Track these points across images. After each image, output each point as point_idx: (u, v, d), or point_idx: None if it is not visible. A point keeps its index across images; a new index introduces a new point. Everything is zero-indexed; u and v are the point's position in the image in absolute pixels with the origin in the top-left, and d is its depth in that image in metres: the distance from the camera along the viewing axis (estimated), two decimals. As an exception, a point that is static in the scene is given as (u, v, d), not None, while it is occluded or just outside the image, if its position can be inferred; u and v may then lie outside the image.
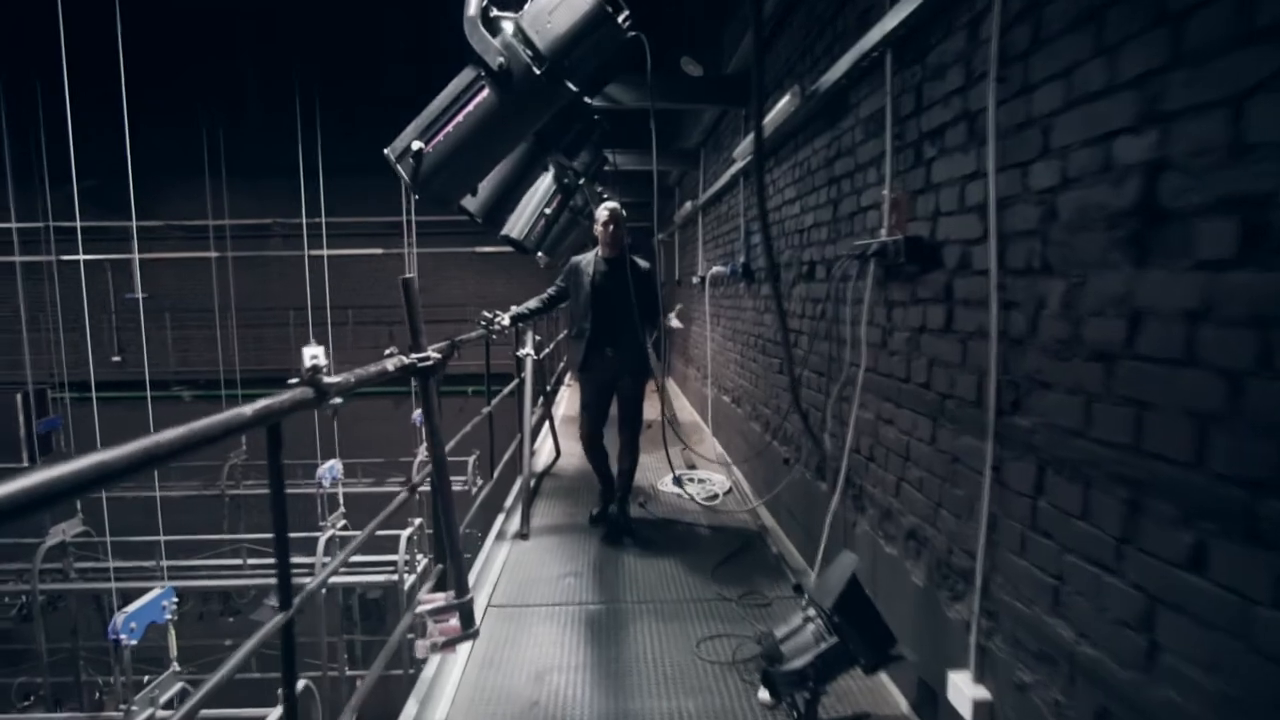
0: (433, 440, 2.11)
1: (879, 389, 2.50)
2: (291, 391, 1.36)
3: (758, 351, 4.52)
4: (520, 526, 4.04)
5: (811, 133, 3.28)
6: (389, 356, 2.03)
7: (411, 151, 2.35)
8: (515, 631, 2.91)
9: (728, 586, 3.31)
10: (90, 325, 11.11)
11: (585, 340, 3.84)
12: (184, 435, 1.03)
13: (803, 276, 3.44)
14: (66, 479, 0.77)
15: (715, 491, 4.74)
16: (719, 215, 5.98)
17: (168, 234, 11.66)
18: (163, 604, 3.95)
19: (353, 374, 1.63)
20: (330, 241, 10.74)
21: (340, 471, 6.86)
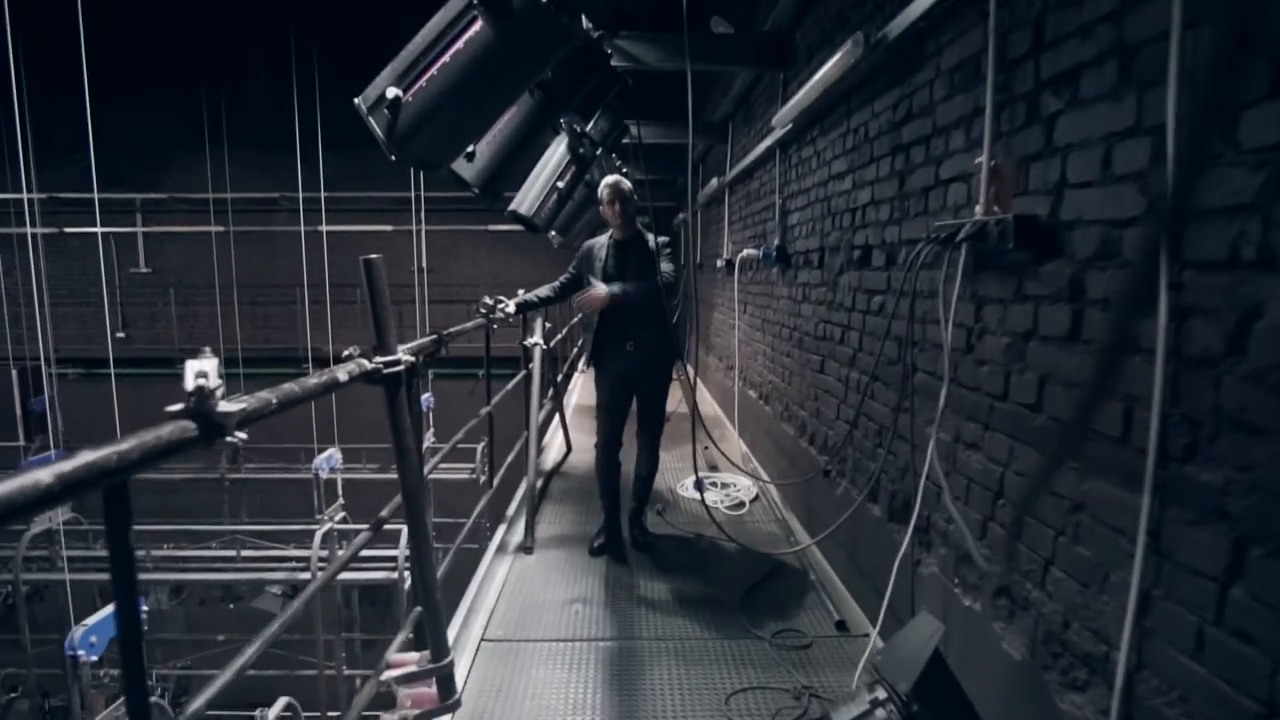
0: (403, 465, 1.66)
1: (960, 404, 2.02)
2: (152, 432, 0.90)
3: (792, 345, 4.04)
4: (524, 538, 3.62)
5: (870, 93, 2.77)
6: (346, 359, 1.58)
7: (387, 100, 1.88)
8: (511, 675, 2.48)
9: (759, 620, 2.86)
10: (93, 300, 10.81)
11: (597, 334, 3.41)
12: None
13: (854, 263, 2.94)
14: None
15: (741, 499, 4.29)
16: (749, 193, 5.46)
17: (173, 207, 11.29)
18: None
19: (276, 392, 1.18)
20: (338, 217, 10.34)
21: (339, 460, 6.50)
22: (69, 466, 0.77)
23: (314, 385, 1.34)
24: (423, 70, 1.88)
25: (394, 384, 1.62)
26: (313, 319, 10.40)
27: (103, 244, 9.94)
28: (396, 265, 10.96)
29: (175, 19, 8.34)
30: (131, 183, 11.23)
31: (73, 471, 0.77)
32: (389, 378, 1.60)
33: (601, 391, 3.53)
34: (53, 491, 0.74)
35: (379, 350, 1.61)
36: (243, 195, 10.89)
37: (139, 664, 0.94)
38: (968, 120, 1.98)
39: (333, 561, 5.46)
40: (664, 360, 3.43)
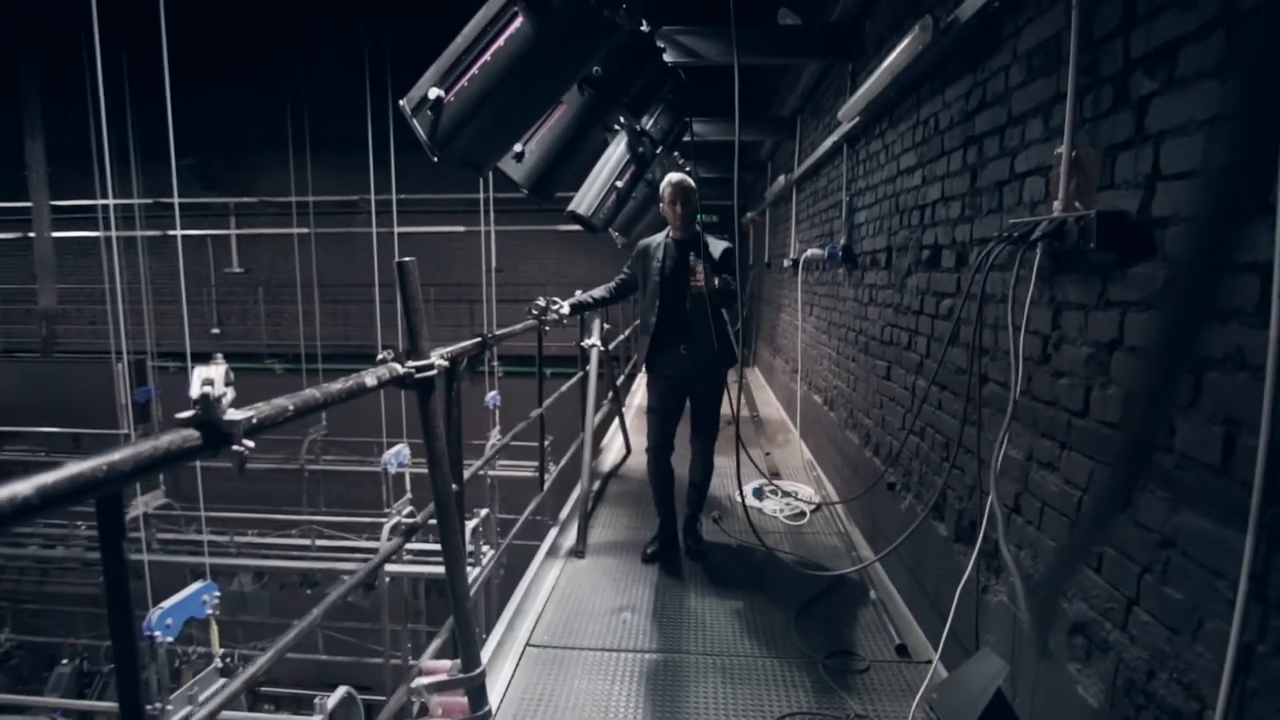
0: (434, 472, 1.63)
1: (1034, 419, 1.85)
2: (149, 443, 0.88)
3: (858, 350, 3.85)
4: (576, 542, 3.58)
5: (941, 82, 2.59)
6: (380, 363, 1.56)
7: (429, 101, 1.86)
8: (554, 684, 2.44)
9: (814, 640, 2.72)
10: (191, 298, 11.49)
11: (652, 335, 3.30)
12: None
13: (923, 264, 2.76)
14: None
15: (801, 509, 4.13)
16: (816, 191, 5.28)
17: (262, 210, 11.89)
18: (203, 598, 3.74)
19: (291, 399, 1.15)
20: (412, 219, 10.62)
21: (408, 456, 6.65)
22: (51, 479, 0.76)
23: (337, 390, 1.31)
24: (464, 70, 1.86)
25: (426, 388, 1.59)
26: (388, 318, 10.74)
27: (181, 246, 10.54)
28: (467, 265, 11.21)
29: (261, 32, 8.74)
30: (226, 188, 11.89)
31: (55, 484, 0.76)
32: (421, 382, 1.57)
33: (653, 394, 3.44)
34: (31, 504, 0.73)
35: (411, 354, 1.58)
36: (324, 198, 11.35)
37: (134, 671, 0.92)
38: (1046, 107, 1.80)
39: (401, 553, 5.58)
40: (719, 365, 3.28)
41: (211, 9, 7.56)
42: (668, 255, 3.28)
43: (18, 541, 7.36)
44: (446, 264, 11.71)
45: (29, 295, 11.35)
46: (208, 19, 7.61)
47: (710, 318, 3.08)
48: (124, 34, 5.27)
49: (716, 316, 3.11)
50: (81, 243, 11.29)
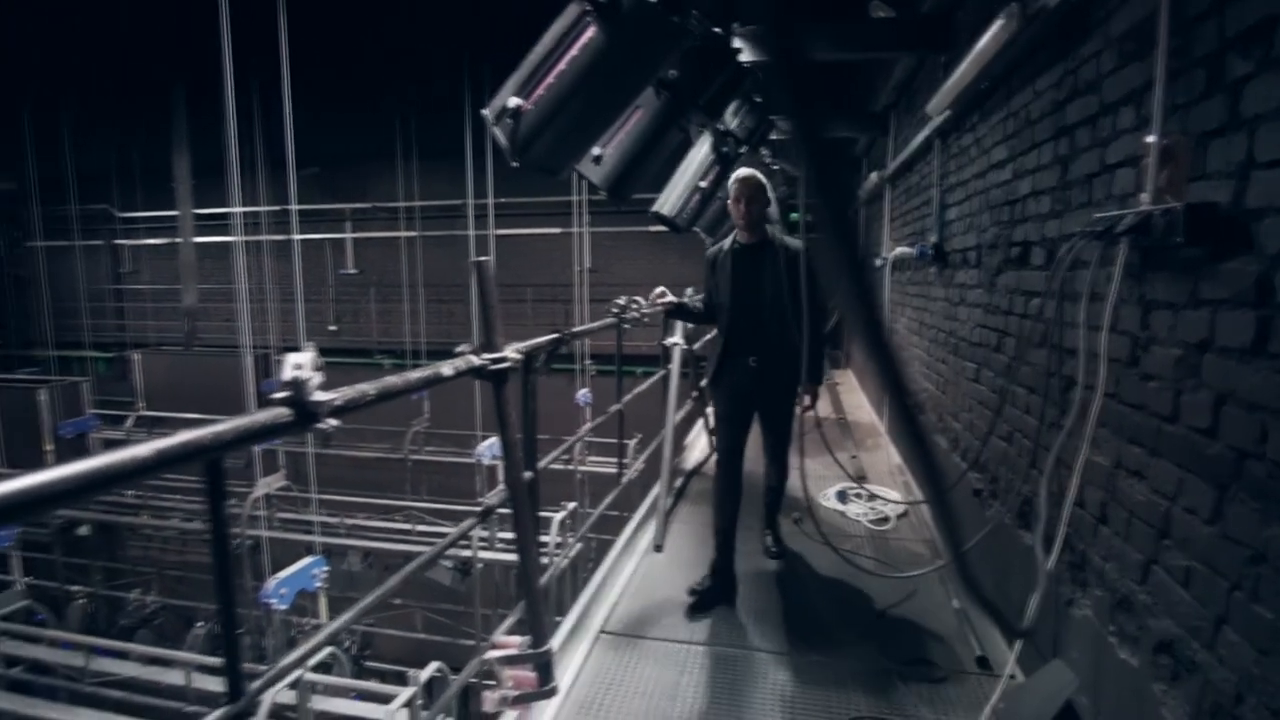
0: (508, 459, 1.74)
1: (1122, 424, 1.75)
2: (252, 416, 1.02)
3: (948, 351, 3.72)
4: (655, 536, 3.65)
5: (1031, 71, 2.47)
6: (458, 355, 1.68)
7: (509, 110, 1.98)
8: (624, 670, 2.51)
9: (891, 647, 2.67)
10: (311, 298, 12.43)
11: (722, 346, 3.09)
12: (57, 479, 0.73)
13: (1012, 261, 2.65)
14: None
15: (886, 514, 4.02)
16: (908, 187, 5.11)
17: (374, 215, 12.67)
18: (313, 572, 4.08)
19: (374, 385, 1.27)
20: (509, 221, 11.05)
21: (500, 449, 6.94)
22: (167, 443, 0.89)
23: (416, 379, 1.43)
24: (541, 78, 1.95)
25: (500, 380, 1.70)
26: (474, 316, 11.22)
27: (301, 249, 11.36)
28: (562, 266, 11.52)
29: (374, 52, 9.33)
30: (342, 194, 12.75)
31: (170, 448, 0.89)
32: (495, 374, 1.68)
33: (718, 406, 3.25)
34: (149, 464, 0.86)
35: (486, 348, 1.69)
36: (430, 203, 11.97)
37: (231, 612, 1.05)
38: (1138, 94, 1.70)
39: (493, 542, 5.83)
40: (791, 382, 3.00)
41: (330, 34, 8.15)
42: (733, 266, 3.05)
43: (163, 514, 8.21)
44: (542, 265, 12.08)
45: (175, 295, 12.63)
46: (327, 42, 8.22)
47: (788, 331, 2.91)
48: (254, 59, 5.76)
49: (812, 332, 2.87)
50: (218, 247, 12.43)
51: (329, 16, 7.49)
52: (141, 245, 14.22)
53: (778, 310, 2.92)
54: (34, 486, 0.73)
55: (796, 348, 2.90)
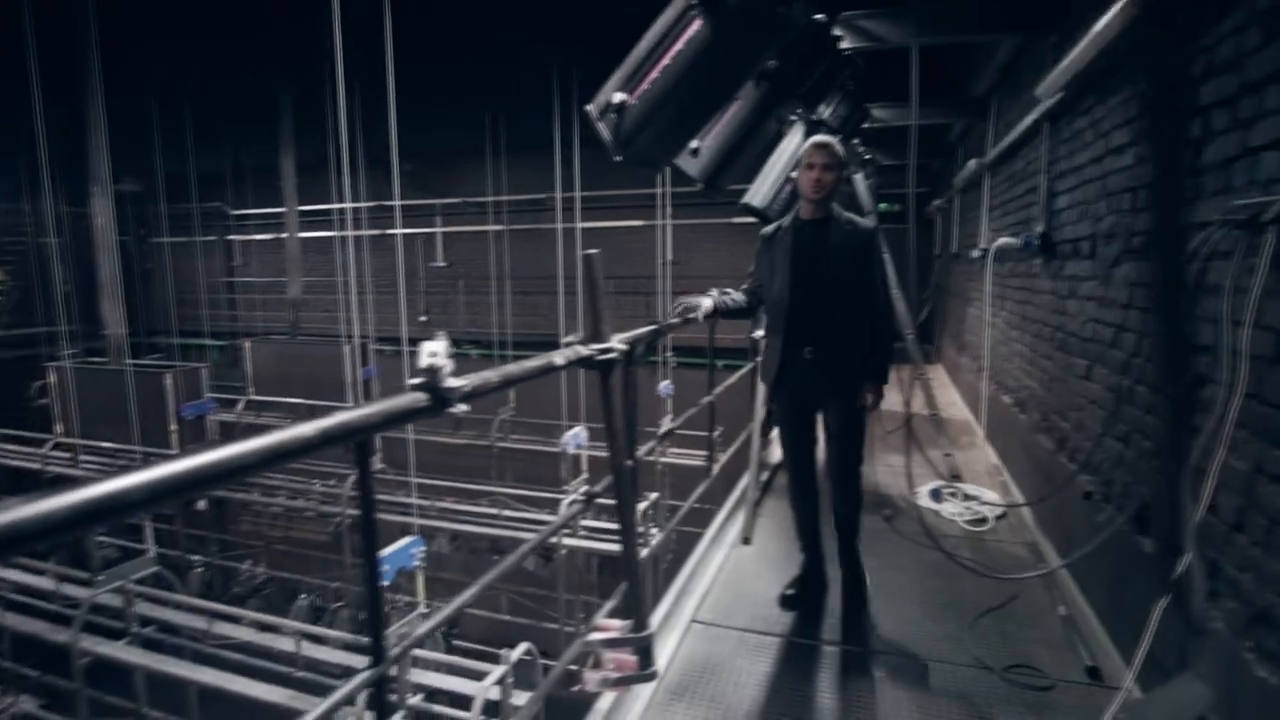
0: (613, 446, 1.79)
1: (1263, 426, 1.64)
2: (394, 400, 1.09)
3: (1054, 347, 3.55)
4: (743, 529, 3.65)
5: (1160, 49, 2.32)
6: (566, 345, 1.74)
7: (613, 105, 2.02)
8: (716, 659, 2.54)
9: (990, 650, 2.59)
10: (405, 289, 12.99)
11: (775, 337, 2.77)
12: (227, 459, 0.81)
13: (1133, 252, 2.50)
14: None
15: (984, 515, 3.88)
16: (1011, 174, 4.88)
17: (463, 209, 13.09)
18: (412, 551, 4.28)
19: (498, 372, 1.34)
20: (593, 214, 11.19)
21: (585, 438, 7.07)
22: (328, 423, 0.97)
23: (532, 367, 1.49)
24: (645, 73, 1.99)
25: (607, 370, 1.74)
26: (570, 307, 11.42)
27: (401, 242, 11.82)
28: (645, 258, 11.60)
29: (464, 49, 9.62)
30: (433, 190, 13.23)
31: (328, 427, 0.97)
32: (602, 364, 1.72)
33: (779, 410, 2.97)
34: (313, 442, 0.94)
35: (594, 338, 1.74)
36: (516, 197, 12.27)
37: (375, 582, 1.14)
38: (1291, 71, 1.58)
39: (574, 529, 5.98)
40: (857, 380, 2.67)
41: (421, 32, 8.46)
42: (797, 237, 2.68)
43: (270, 492, 8.77)
44: (625, 257, 12.18)
45: (281, 286, 13.43)
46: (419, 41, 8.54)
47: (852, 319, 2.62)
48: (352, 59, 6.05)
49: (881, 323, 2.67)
50: (320, 241, 13.13)
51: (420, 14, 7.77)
52: (251, 240, 15.18)
53: (842, 295, 2.61)
54: (225, 459, 0.81)
55: (862, 340, 2.64)
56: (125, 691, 5.55)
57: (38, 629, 5.59)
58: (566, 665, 1.78)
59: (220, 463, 0.81)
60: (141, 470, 0.73)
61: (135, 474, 0.72)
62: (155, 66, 10.57)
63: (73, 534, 0.68)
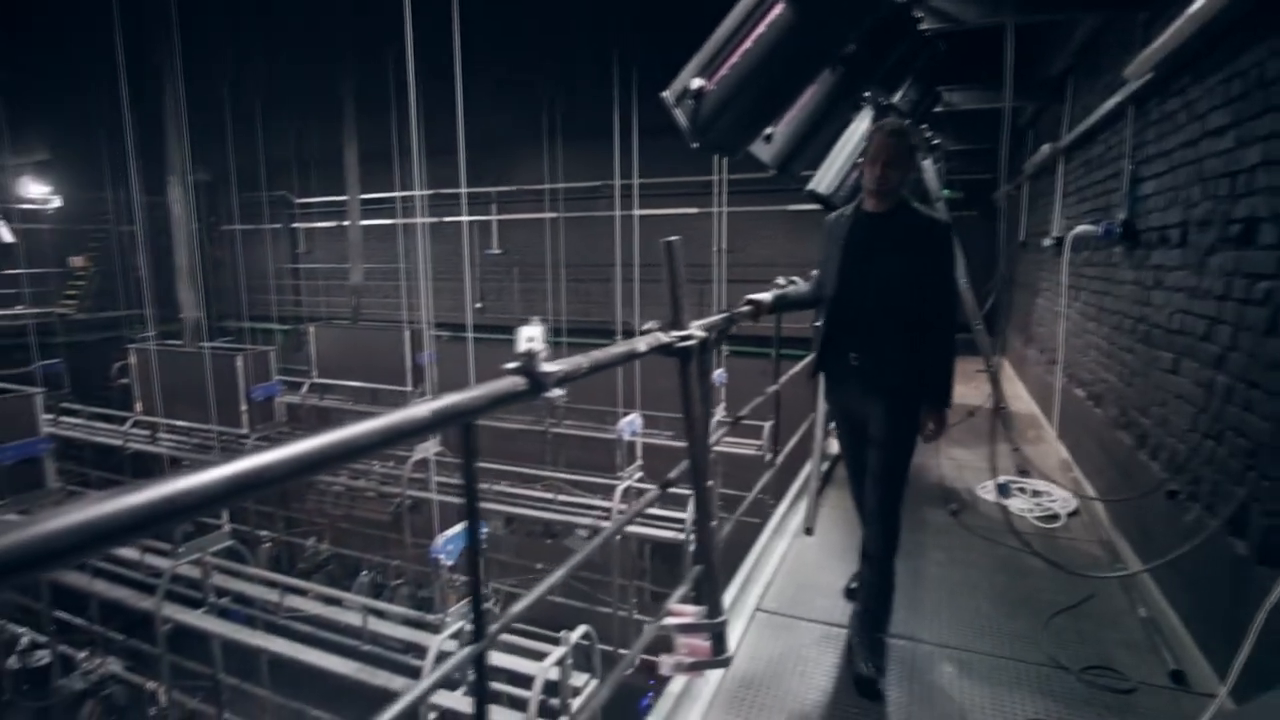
0: (691, 433, 1.79)
1: (1384, 425, 1.55)
2: (494, 384, 1.12)
3: (1135, 340, 3.41)
4: (805, 519, 3.63)
5: (1269, 25, 2.19)
6: (645, 333, 1.75)
7: (691, 91, 2.01)
8: (783, 648, 2.54)
9: (1066, 650, 2.52)
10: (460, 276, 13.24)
11: (823, 336, 2.49)
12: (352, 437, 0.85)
13: (1231, 240, 2.38)
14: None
15: (1055, 511, 3.77)
16: (1089, 160, 4.68)
17: (519, 197, 13.24)
18: (475, 533, 4.38)
19: (587, 358, 1.36)
20: (648, 201, 11.19)
21: (640, 425, 7.11)
22: (441, 404, 1.00)
23: (618, 353, 1.51)
24: (725, 58, 1.97)
25: (686, 357, 1.75)
26: (623, 295, 11.47)
27: (465, 231, 12.02)
28: (699, 246, 11.57)
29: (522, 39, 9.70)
30: (488, 178, 13.41)
31: (442, 409, 1.00)
32: (681, 351, 1.73)
33: (831, 418, 2.83)
34: (427, 423, 0.98)
35: (674, 325, 1.74)
36: (571, 185, 12.35)
37: (477, 560, 1.17)
38: None
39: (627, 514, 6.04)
40: (903, 395, 2.34)
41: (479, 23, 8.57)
42: (856, 229, 2.40)
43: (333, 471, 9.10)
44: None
45: (343, 273, 13.82)
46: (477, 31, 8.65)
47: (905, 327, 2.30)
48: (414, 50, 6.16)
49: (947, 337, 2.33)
50: (379, 228, 13.47)
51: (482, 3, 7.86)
52: (314, 228, 15.65)
53: (898, 297, 2.29)
54: (349, 439, 0.85)
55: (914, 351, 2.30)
56: (202, 657, 5.86)
57: (124, 596, 5.93)
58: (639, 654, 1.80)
59: (345, 442, 0.84)
60: (280, 448, 0.76)
61: (275, 451, 0.76)
62: (226, 60, 10.95)
63: (227, 504, 0.72)
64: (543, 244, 12.87)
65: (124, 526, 0.60)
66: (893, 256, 2.32)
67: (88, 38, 8.33)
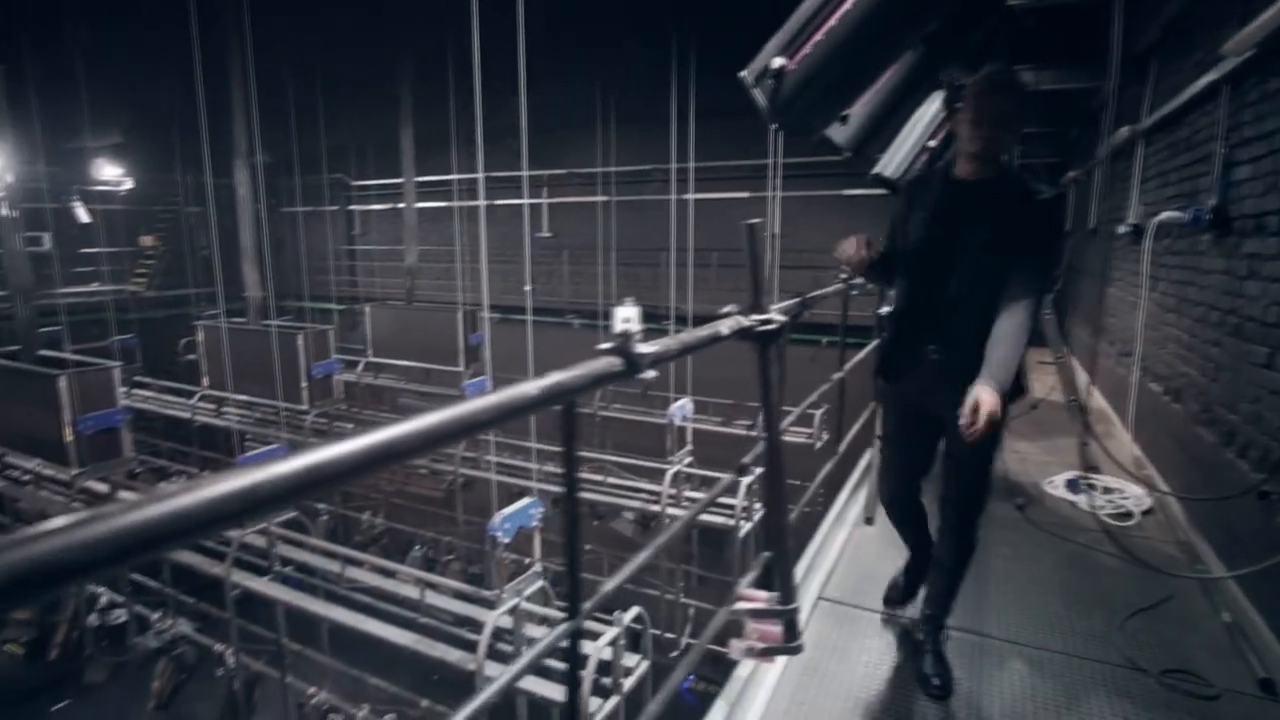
0: (769, 417, 1.78)
1: None
2: (593, 363, 1.12)
3: (1223, 332, 3.25)
4: (865, 509, 3.58)
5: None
6: (725, 316, 1.73)
7: (771, 71, 1.97)
8: (846, 637, 2.52)
9: (1144, 652, 2.44)
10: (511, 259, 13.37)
11: (894, 324, 2.24)
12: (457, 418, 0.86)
13: (1343, 227, 2.24)
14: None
15: (1129, 509, 3.64)
16: (1173, 142, 4.46)
17: (569, 180, 13.28)
18: (531, 512, 4.46)
19: (677, 340, 1.35)
20: (699, 185, 11.10)
21: (691, 410, 7.10)
22: (547, 382, 1.01)
23: (703, 336, 1.50)
24: (807, 37, 1.93)
25: (766, 341, 1.73)
26: (671, 279, 11.44)
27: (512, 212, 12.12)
28: (751, 230, 11.45)
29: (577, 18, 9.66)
30: (538, 161, 13.48)
31: (550, 386, 1.01)
32: (762, 335, 1.71)
33: (887, 414, 2.44)
34: (536, 400, 0.98)
35: (754, 309, 1.72)
36: (621, 169, 12.33)
37: (576, 538, 1.18)
38: None
39: (680, 499, 6.04)
40: None
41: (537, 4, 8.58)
42: (945, 199, 2.08)
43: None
44: (728, 229, 12.03)
45: (397, 255, 14.09)
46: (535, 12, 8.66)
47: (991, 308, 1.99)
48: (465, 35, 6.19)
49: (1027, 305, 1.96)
50: (431, 210, 13.68)
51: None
52: (370, 210, 15.99)
53: (994, 283, 1.97)
54: (470, 414, 0.86)
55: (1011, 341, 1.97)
56: (266, 622, 6.11)
57: (195, 561, 6.20)
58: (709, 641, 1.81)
59: (467, 417, 0.86)
60: (409, 423, 0.78)
61: (404, 425, 0.77)
62: (290, 45, 11.19)
63: (363, 477, 0.74)
64: (591, 228, 12.90)
65: (283, 492, 0.62)
66: (991, 234, 1.99)
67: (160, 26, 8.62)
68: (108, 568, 0.51)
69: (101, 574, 0.53)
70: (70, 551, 0.48)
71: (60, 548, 0.47)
